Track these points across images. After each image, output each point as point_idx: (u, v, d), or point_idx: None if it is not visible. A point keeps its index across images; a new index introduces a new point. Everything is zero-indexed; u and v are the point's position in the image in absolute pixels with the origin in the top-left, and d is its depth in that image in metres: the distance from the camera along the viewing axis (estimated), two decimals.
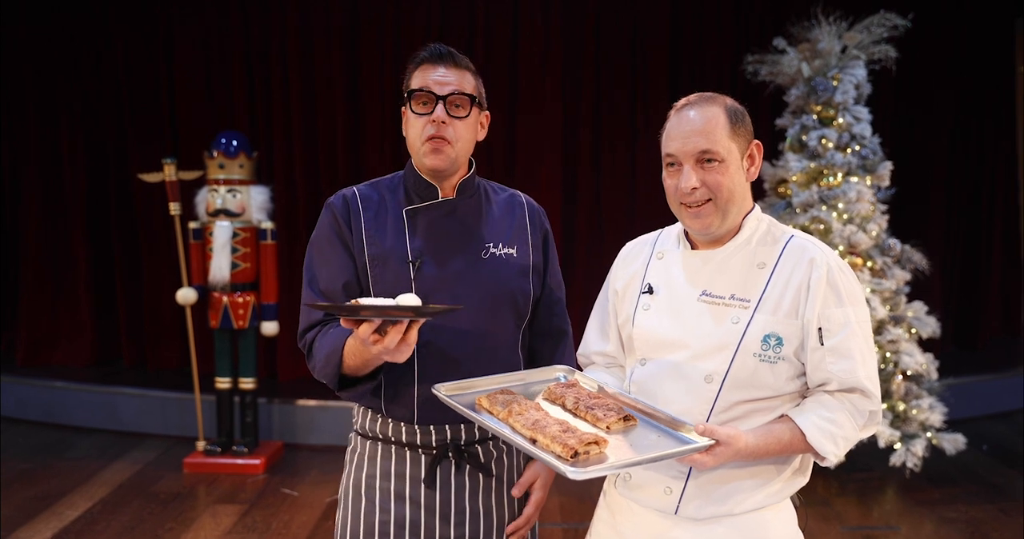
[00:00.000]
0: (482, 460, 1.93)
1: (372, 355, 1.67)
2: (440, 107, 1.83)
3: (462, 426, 1.90)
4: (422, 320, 1.60)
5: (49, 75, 6.11)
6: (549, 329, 2.06)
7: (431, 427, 1.89)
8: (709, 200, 1.67)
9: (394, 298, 1.62)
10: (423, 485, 1.89)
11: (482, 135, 1.95)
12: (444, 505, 1.89)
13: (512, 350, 1.96)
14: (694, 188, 1.67)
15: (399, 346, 1.59)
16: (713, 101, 1.70)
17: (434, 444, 1.89)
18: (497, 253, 1.93)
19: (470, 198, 1.96)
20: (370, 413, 1.94)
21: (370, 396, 1.89)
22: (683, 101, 1.74)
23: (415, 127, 1.86)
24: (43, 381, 5.82)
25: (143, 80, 6.03)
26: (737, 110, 1.71)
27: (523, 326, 1.99)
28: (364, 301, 1.57)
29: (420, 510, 1.88)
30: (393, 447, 1.91)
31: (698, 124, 1.67)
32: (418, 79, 1.86)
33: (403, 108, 1.91)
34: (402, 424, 1.90)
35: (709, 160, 1.66)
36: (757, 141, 1.74)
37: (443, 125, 1.83)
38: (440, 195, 1.92)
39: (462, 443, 1.91)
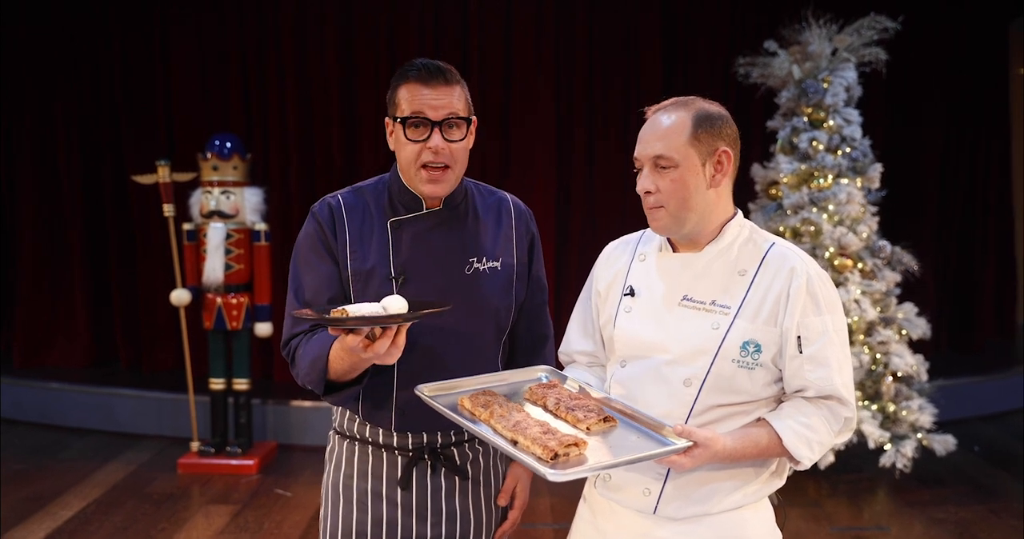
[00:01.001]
0: (458, 462, 1.95)
1: (360, 360, 1.67)
2: (437, 135, 1.79)
3: (439, 432, 1.92)
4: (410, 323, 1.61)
5: (46, 75, 6.12)
6: (532, 334, 2.08)
7: (408, 433, 1.91)
8: (662, 206, 1.69)
9: (379, 301, 1.62)
10: (398, 485, 1.91)
11: (471, 142, 1.90)
12: (420, 506, 1.91)
13: (492, 363, 1.97)
14: (647, 192, 1.70)
15: (389, 350, 1.60)
16: (683, 106, 1.70)
17: (410, 446, 1.91)
18: (481, 268, 1.91)
19: (456, 208, 1.93)
20: (348, 413, 1.97)
21: (351, 401, 1.90)
22: (656, 106, 1.75)
23: (408, 151, 1.82)
24: (39, 382, 5.84)
25: (139, 81, 6.05)
26: (709, 115, 1.69)
27: (504, 338, 1.99)
28: (351, 309, 1.57)
29: (397, 510, 1.91)
30: (370, 448, 1.93)
31: (658, 129, 1.69)
32: (408, 100, 1.81)
33: (387, 120, 1.87)
34: (379, 428, 1.92)
35: (664, 165, 1.68)
36: (727, 149, 1.70)
37: (440, 153, 1.81)
38: (425, 206, 1.90)
39: (438, 446, 1.92)
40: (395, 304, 1.60)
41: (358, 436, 1.94)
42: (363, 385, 1.82)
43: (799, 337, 1.66)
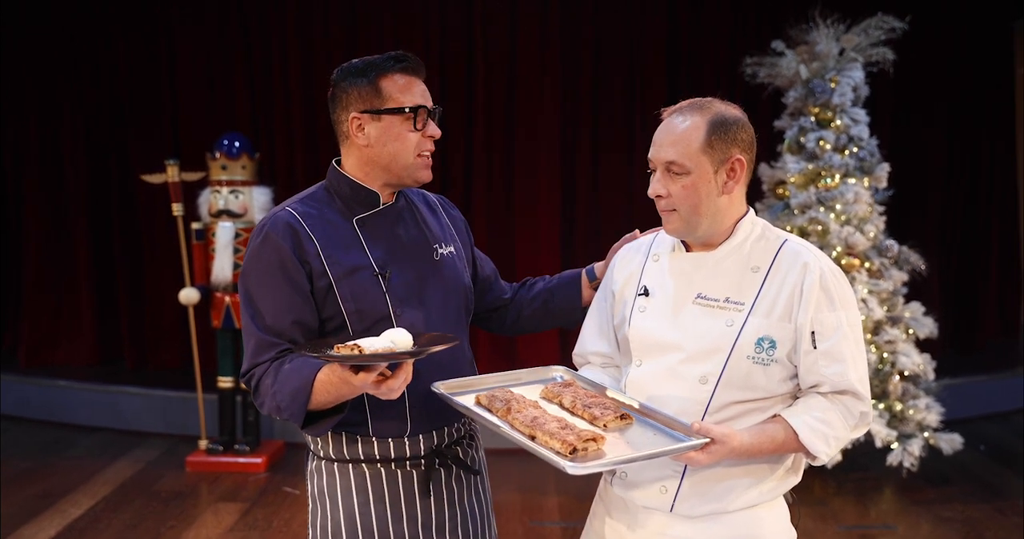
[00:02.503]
0: (463, 459, 1.94)
1: (355, 392, 1.63)
2: (432, 123, 1.84)
3: (446, 429, 1.90)
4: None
5: (50, 75, 6.13)
6: (501, 288, 2.16)
7: (420, 436, 1.86)
8: (674, 210, 1.70)
9: (378, 334, 1.58)
10: (418, 498, 1.86)
11: None
12: (439, 515, 1.88)
13: (468, 345, 1.99)
14: (659, 196, 1.71)
15: (400, 384, 1.58)
16: (700, 110, 1.69)
17: (422, 453, 1.87)
18: (444, 253, 1.94)
19: (402, 201, 1.94)
20: (345, 437, 1.84)
21: (354, 419, 1.82)
22: (675, 107, 1.74)
23: (409, 142, 1.80)
24: (45, 380, 5.85)
25: (144, 81, 6.06)
26: (724, 121, 1.67)
27: (469, 321, 2.03)
28: (362, 343, 1.53)
29: (417, 527, 1.85)
30: (381, 467, 1.85)
31: (673, 134, 1.69)
32: (407, 92, 1.81)
33: (363, 114, 1.80)
34: (390, 440, 1.84)
35: (676, 172, 1.68)
36: (740, 157, 1.69)
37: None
38: (381, 201, 1.87)
39: (445, 445, 1.90)
40: (402, 338, 1.57)
41: (363, 456, 1.84)
42: (343, 414, 1.72)
43: (813, 333, 1.67)
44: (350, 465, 1.85)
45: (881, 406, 4.51)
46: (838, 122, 4.61)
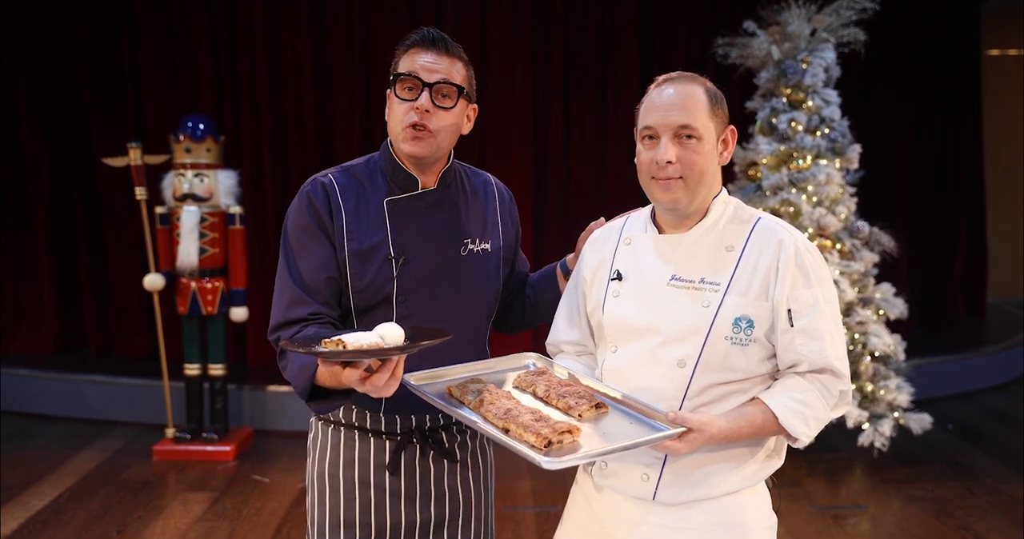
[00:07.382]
0: (446, 445, 1.93)
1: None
2: (425, 95, 1.76)
3: (427, 415, 1.89)
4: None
5: (7, 56, 5.95)
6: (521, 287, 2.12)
7: (396, 416, 1.88)
8: (680, 177, 1.66)
9: (379, 318, 1.57)
10: (387, 472, 1.88)
11: (467, 129, 1.89)
12: (409, 489, 1.89)
13: (482, 346, 1.95)
14: (669, 162, 1.65)
15: (388, 382, 1.54)
16: (694, 80, 1.70)
17: (399, 430, 1.88)
18: (475, 249, 1.91)
19: (448, 188, 1.91)
20: None
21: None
22: (664, 77, 1.72)
23: (397, 112, 1.79)
24: (6, 369, 5.71)
25: (106, 61, 5.90)
26: (716, 93, 1.71)
27: (490, 322, 1.99)
28: (348, 340, 1.49)
29: (385, 495, 1.88)
30: (357, 433, 1.89)
31: (679, 99, 1.66)
32: (406, 63, 1.79)
33: (388, 91, 1.84)
34: (367, 412, 1.88)
35: (688, 136, 1.65)
36: (732, 127, 1.73)
37: (426, 114, 1.77)
38: (421, 186, 1.87)
39: (427, 429, 1.90)
40: (392, 333, 1.53)
41: (343, 421, 1.90)
42: (351, 398, 1.75)
43: (790, 310, 1.64)
44: (331, 426, 1.92)
45: (852, 387, 4.52)
46: (810, 103, 4.60)
